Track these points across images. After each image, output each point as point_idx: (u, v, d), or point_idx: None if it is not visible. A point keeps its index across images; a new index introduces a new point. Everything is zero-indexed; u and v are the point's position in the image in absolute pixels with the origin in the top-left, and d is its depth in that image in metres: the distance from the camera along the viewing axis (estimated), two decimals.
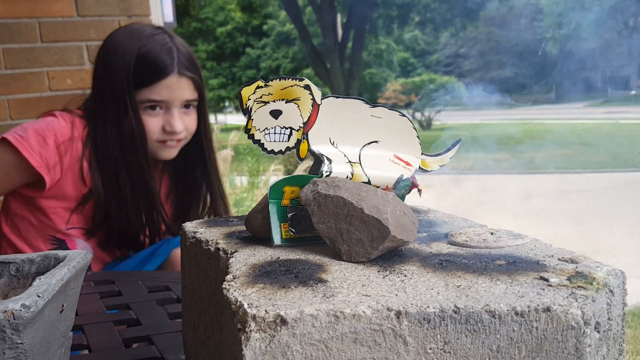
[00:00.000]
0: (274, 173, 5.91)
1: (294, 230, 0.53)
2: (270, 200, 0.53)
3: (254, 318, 0.37)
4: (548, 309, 0.39)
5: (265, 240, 0.54)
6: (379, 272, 0.46)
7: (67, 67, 2.04)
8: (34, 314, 0.45)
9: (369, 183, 0.57)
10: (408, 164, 0.58)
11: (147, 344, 0.75)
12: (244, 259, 0.49)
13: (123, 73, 1.24)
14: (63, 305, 0.51)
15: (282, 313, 0.38)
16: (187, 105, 1.31)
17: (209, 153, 1.40)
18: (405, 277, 0.44)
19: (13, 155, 1.19)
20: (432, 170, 0.60)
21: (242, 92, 0.54)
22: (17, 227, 1.29)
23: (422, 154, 0.59)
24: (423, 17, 18.97)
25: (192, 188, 1.41)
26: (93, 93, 1.31)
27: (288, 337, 0.38)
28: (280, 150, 0.55)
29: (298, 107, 0.55)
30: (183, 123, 1.30)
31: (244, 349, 0.37)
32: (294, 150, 0.56)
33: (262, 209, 0.54)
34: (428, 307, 0.39)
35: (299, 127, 0.55)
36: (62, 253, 0.57)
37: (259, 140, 0.54)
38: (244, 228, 0.58)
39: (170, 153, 1.33)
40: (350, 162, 0.57)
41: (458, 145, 0.61)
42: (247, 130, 0.54)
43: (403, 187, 0.58)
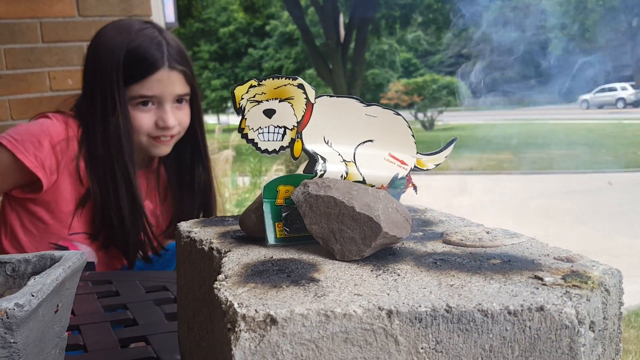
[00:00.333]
0: (276, 173, 5.92)
1: (288, 230, 0.53)
2: (264, 200, 0.53)
3: (244, 318, 0.37)
4: (541, 308, 0.38)
5: (260, 240, 0.54)
6: (372, 271, 0.45)
7: (68, 67, 2.04)
8: (28, 314, 0.44)
9: (364, 182, 0.56)
10: (403, 163, 0.58)
11: (143, 344, 0.75)
12: (237, 259, 0.49)
13: (112, 69, 1.23)
14: (58, 306, 0.51)
15: (272, 312, 0.37)
16: (179, 100, 1.30)
17: (204, 148, 1.39)
18: (399, 276, 0.44)
19: (8, 158, 1.18)
20: (427, 169, 0.60)
21: (235, 91, 0.53)
22: (17, 240, 1.27)
23: (417, 153, 0.59)
24: (425, 17, 18.97)
25: (189, 184, 1.39)
26: (83, 92, 1.30)
27: (278, 336, 0.37)
28: (274, 150, 0.55)
29: (292, 106, 0.54)
30: (176, 118, 1.29)
31: (234, 349, 0.37)
32: (289, 150, 0.55)
33: (256, 209, 0.54)
34: (420, 306, 0.38)
35: (293, 126, 0.55)
36: (58, 253, 0.56)
37: (253, 140, 0.54)
38: (239, 227, 0.58)
39: (164, 149, 1.31)
40: (345, 161, 0.56)
41: (453, 145, 0.61)
42: (240, 130, 0.54)
43: (398, 185, 0.57)
